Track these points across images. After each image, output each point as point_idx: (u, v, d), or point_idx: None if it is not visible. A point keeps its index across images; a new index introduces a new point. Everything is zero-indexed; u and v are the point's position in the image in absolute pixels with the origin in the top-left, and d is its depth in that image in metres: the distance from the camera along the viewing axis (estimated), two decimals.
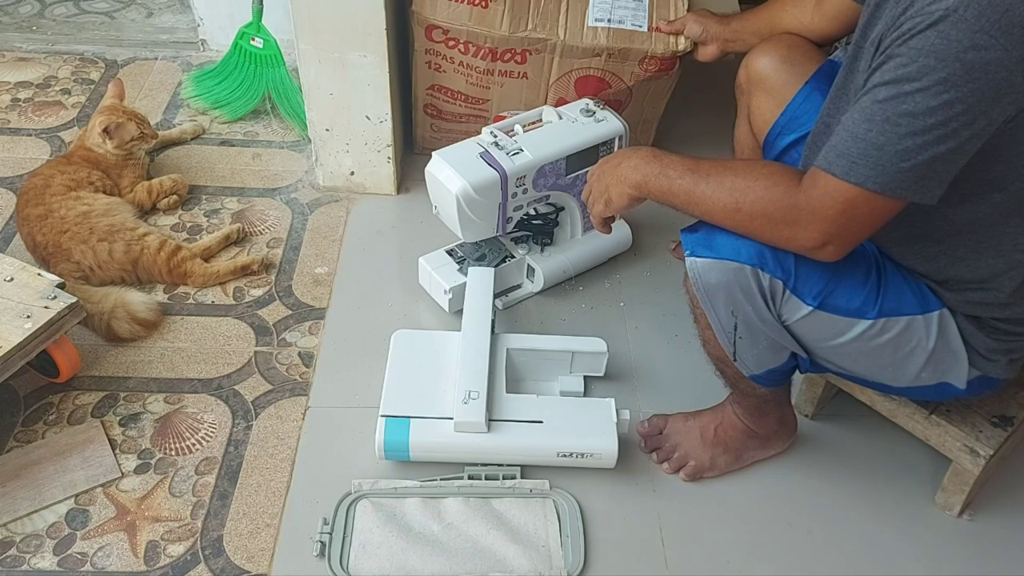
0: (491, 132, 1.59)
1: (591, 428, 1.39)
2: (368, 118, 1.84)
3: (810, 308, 1.14)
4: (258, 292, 1.72)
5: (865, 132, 0.97)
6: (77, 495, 1.36)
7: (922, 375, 1.19)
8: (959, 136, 0.94)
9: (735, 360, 1.24)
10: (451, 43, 1.76)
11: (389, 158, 1.90)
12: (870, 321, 1.14)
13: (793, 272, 1.12)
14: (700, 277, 1.15)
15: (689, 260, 1.15)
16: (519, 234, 1.72)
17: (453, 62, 1.81)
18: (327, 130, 1.87)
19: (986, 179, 1.03)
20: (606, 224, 1.33)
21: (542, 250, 1.73)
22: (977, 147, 0.97)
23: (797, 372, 1.30)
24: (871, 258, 1.18)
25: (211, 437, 1.46)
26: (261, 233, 1.86)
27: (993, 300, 1.13)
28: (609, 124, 1.65)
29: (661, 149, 1.21)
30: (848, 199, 0.99)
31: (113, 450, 1.43)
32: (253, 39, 2.08)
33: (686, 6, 1.78)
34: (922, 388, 1.23)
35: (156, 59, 2.37)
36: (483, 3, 1.72)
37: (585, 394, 1.53)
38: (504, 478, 1.39)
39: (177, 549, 1.30)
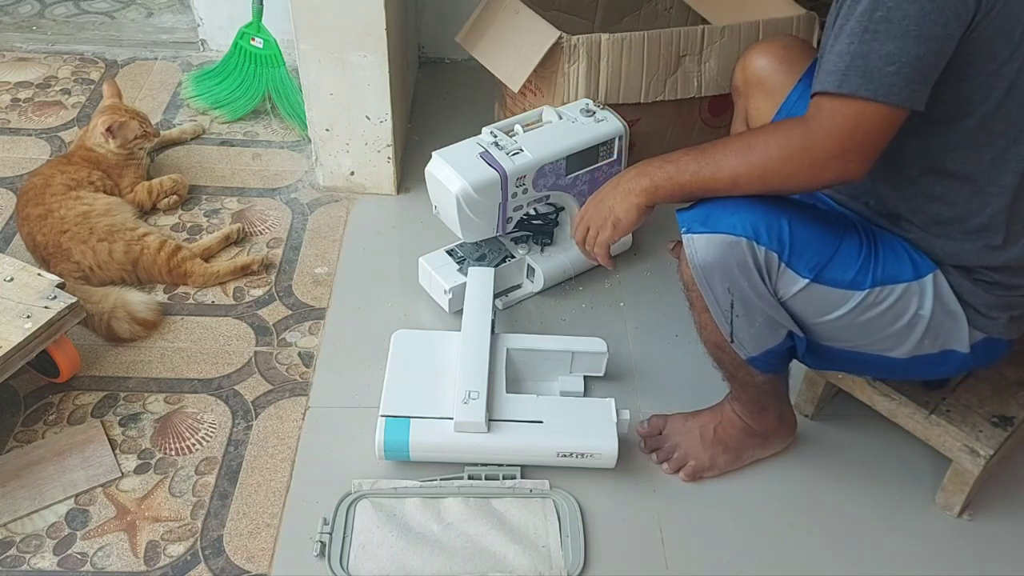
0: (491, 132, 1.59)
1: (591, 428, 1.39)
2: (368, 118, 1.84)
3: (805, 281, 1.15)
4: (258, 292, 1.72)
5: (848, 46, 1.01)
6: (77, 495, 1.36)
7: (924, 342, 1.19)
8: (936, 36, 0.98)
9: (732, 341, 1.23)
10: None
11: (389, 158, 1.90)
12: (864, 291, 1.15)
13: (788, 245, 1.13)
14: (696, 253, 1.15)
15: (686, 238, 1.16)
16: (519, 234, 1.72)
17: None
18: (327, 130, 1.87)
19: (953, 101, 1.05)
20: (611, 256, 1.30)
21: (542, 250, 1.73)
22: (952, 49, 1.00)
23: (795, 363, 1.30)
24: (860, 228, 1.19)
25: (211, 437, 1.46)
26: (261, 233, 1.86)
27: (983, 245, 1.13)
28: (609, 124, 1.65)
29: None
30: (854, 112, 1.02)
31: (113, 450, 1.43)
32: (253, 39, 2.08)
33: None
34: (927, 360, 1.22)
35: (156, 59, 2.37)
36: None
37: (585, 394, 1.53)
38: (504, 478, 1.39)
39: (177, 549, 1.30)
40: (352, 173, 1.93)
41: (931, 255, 1.17)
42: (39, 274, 1.48)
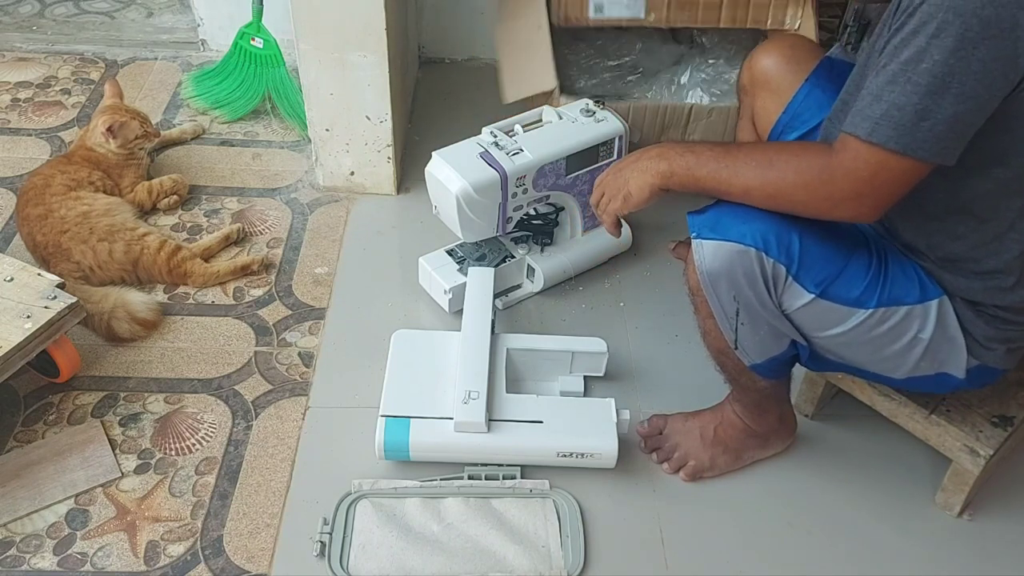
0: (491, 132, 1.59)
1: (591, 428, 1.39)
2: (368, 118, 1.84)
3: (811, 296, 1.14)
4: (258, 292, 1.72)
5: (888, 93, 0.98)
6: (77, 495, 1.36)
7: (921, 364, 1.19)
8: (977, 96, 0.95)
9: (736, 348, 1.23)
10: None
11: (389, 158, 1.90)
12: (869, 311, 1.15)
13: (797, 258, 1.12)
14: (704, 259, 1.15)
15: (695, 243, 1.15)
16: (519, 234, 1.72)
17: None
18: (327, 130, 1.87)
19: (991, 151, 1.03)
20: (618, 224, 1.31)
21: (542, 250, 1.73)
22: (994, 108, 0.98)
23: (797, 367, 1.30)
24: (872, 246, 1.18)
25: (211, 437, 1.46)
26: (261, 233, 1.86)
27: (995, 285, 1.13)
28: (609, 124, 1.65)
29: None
30: (878, 160, 1.00)
31: (113, 450, 1.43)
32: (253, 39, 2.08)
33: None
34: (922, 379, 1.22)
35: (156, 59, 2.37)
36: None
37: (585, 394, 1.53)
38: (504, 478, 1.39)
39: (177, 549, 1.30)
40: (352, 173, 1.93)
41: (939, 284, 1.16)
42: (39, 274, 1.48)
